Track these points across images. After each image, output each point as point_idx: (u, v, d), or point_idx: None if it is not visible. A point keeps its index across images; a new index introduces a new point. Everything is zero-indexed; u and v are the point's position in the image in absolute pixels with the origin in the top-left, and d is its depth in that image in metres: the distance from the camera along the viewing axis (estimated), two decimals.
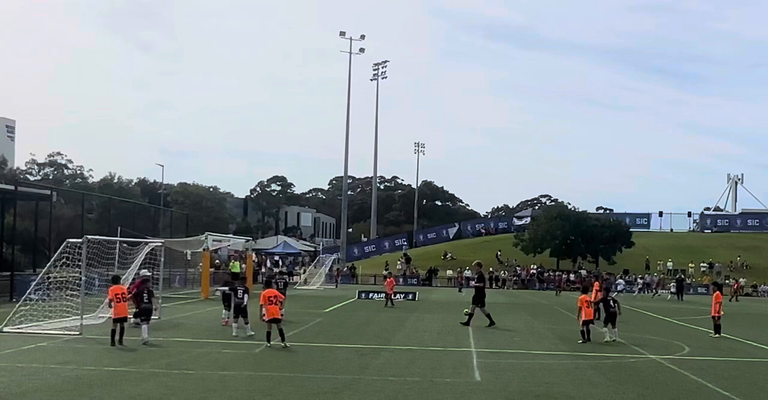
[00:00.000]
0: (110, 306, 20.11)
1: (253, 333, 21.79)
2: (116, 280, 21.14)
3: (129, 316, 20.48)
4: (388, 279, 41.29)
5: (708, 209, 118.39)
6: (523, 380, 15.56)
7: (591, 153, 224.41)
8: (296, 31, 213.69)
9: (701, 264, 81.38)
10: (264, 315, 20.12)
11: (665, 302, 52.79)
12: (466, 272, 73.35)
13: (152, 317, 22.43)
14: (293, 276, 69.49)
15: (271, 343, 19.49)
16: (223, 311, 25.01)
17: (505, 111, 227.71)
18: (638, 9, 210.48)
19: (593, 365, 18.09)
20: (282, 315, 20.55)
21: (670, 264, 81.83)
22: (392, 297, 39.26)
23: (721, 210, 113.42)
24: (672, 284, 62.22)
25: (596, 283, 29.65)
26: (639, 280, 74.37)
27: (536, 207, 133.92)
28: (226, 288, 24.99)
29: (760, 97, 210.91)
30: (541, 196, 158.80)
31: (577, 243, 77.57)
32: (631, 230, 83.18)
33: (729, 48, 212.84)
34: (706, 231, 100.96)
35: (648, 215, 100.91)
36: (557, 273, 76.70)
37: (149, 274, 26.90)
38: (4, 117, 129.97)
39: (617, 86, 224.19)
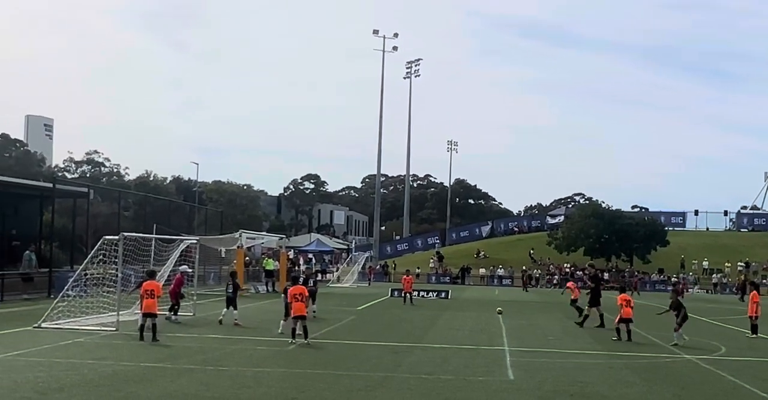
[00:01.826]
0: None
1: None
2: (152, 275, 21.34)
3: (159, 312, 20.57)
4: (405, 277, 40.69)
5: (744, 207, 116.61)
6: (557, 379, 15.50)
7: (625, 151, 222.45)
8: (330, 29, 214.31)
9: (738, 263, 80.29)
10: (290, 312, 20.32)
11: (700, 301, 52.18)
12: (498, 270, 73.17)
13: (186, 314, 22.69)
14: (326, 274, 69.77)
15: (295, 340, 19.62)
16: (224, 309, 24.96)
17: (539, 109, 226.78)
18: (671, 6, 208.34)
19: (628, 364, 17.97)
20: (314, 313, 20.71)
21: (705, 263, 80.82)
22: (411, 295, 38.85)
23: (758, 209, 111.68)
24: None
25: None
26: (673, 279, 73.73)
27: (570, 205, 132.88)
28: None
29: None
30: (575, 194, 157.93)
31: (611, 242, 76.84)
32: (666, 228, 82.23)
33: (764, 44, 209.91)
34: (742, 230, 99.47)
35: (683, 214, 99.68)
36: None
37: (190, 270, 27.32)
38: (42, 116, 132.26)
39: (652, 84, 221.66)
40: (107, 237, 23.24)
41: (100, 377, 14.25)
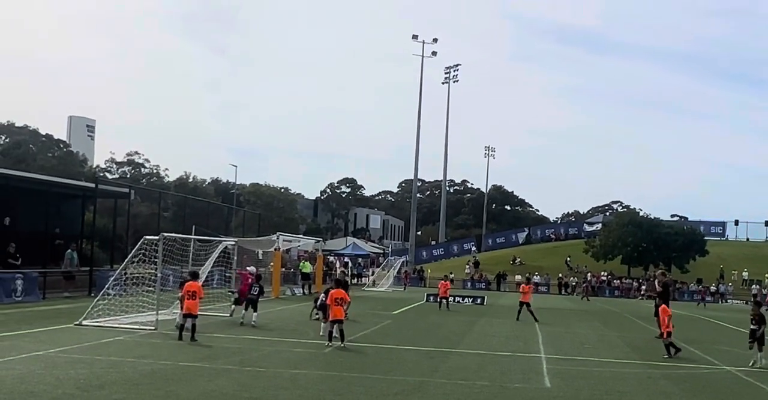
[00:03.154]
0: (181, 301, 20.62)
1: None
2: (195, 276, 21.57)
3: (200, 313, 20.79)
4: (442, 282, 40.13)
5: None
6: (594, 387, 15.41)
7: (665, 159, 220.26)
8: (369, 34, 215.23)
9: None
10: (328, 315, 20.46)
11: (739, 312, 51.46)
12: (535, 277, 72.68)
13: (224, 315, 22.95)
14: (362, 277, 69.89)
15: (332, 343, 19.75)
16: (243, 311, 25.38)
17: (577, 115, 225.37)
18: (713, 13, 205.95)
19: (666, 374, 17.80)
20: (346, 316, 20.82)
21: (745, 274, 79.68)
22: (448, 300, 38.37)
23: None
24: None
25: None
26: (712, 288, 72.85)
27: (607, 213, 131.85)
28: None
29: None
30: (613, 202, 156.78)
31: (649, 250, 76.15)
32: (705, 238, 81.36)
33: None
34: None
35: (723, 224, 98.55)
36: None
37: (254, 269, 28.04)
38: (85, 117, 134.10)
39: (692, 91, 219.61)
40: (147, 237, 23.51)
41: (140, 375, 14.44)
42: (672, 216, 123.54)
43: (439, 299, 38.74)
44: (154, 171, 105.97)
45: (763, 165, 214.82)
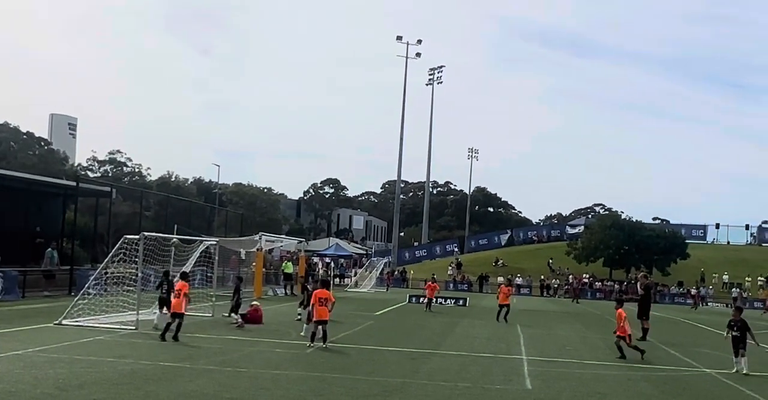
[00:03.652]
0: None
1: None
2: (184, 276, 21.67)
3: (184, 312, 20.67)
4: (429, 283, 40.50)
5: (766, 222, 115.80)
6: (575, 389, 15.44)
7: (647, 163, 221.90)
8: (354, 34, 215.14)
9: (759, 278, 79.62)
10: (312, 316, 20.42)
11: (719, 315, 51.78)
12: (517, 279, 72.91)
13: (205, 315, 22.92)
14: (345, 278, 69.80)
15: (314, 343, 19.71)
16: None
17: (560, 118, 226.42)
18: (697, 18, 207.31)
19: (646, 376, 17.87)
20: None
21: (725, 277, 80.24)
22: (432, 302, 38.85)
23: None
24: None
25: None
26: (692, 291, 73.34)
27: (590, 216, 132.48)
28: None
29: None
30: (595, 204, 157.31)
31: (630, 253, 76.52)
32: (686, 241, 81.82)
33: None
34: (764, 244, 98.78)
35: (704, 227, 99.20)
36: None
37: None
38: (67, 115, 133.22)
39: (675, 96, 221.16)
40: (128, 236, 23.41)
41: (120, 375, 14.34)
42: (654, 219, 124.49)
43: (426, 300, 38.76)
44: (136, 170, 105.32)
45: (744, 169, 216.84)
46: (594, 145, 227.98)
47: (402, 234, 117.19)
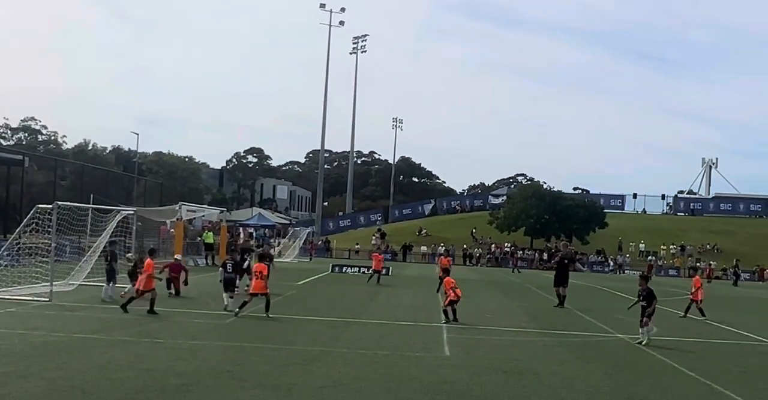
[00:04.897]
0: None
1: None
2: (152, 253, 21.76)
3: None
4: (375, 254, 38.82)
5: (681, 192, 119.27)
6: (492, 355, 15.66)
7: (568, 134, 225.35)
8: (277, 1, 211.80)
9: (671, 246, 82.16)
10: (249, 287, 20.27)
11: (635, 282, 53.30)
12: (440, 248, 73.59)
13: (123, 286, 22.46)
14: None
15: (245, 313, 19.61)
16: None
17: (485, 89, 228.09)
18: None
19: (561, 342, 18.26)
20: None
21: (642, 246, 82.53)
22: (381, 273, 36.76)
23: (695, 194, 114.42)
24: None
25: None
26: (611, 261, 75.40)
27: (512, 186, 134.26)
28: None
29: (739, 85, 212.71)
30: (518, 175, 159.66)
31: (551, 222, 77.88)
32: (605, 211, 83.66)
33: (709, 35, 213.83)
34: (679, 214, 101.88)
35: (622, 197, 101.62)
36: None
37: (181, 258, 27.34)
38: None
39: (597, 69, 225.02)
40: (41, 206, 22.81)
41: (31, 347, 13.97)
42: (574, 189, 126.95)
43: (371, 272, 37.12)
44: (52, 138, 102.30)
45: (661, 141, 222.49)
46: (517, 116, 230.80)
47: (326, 204, 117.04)
